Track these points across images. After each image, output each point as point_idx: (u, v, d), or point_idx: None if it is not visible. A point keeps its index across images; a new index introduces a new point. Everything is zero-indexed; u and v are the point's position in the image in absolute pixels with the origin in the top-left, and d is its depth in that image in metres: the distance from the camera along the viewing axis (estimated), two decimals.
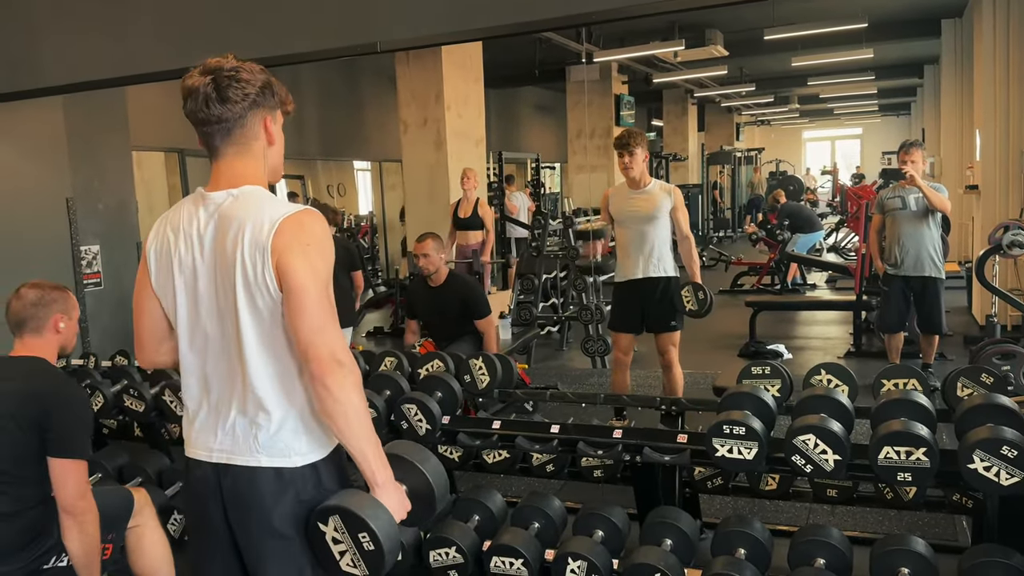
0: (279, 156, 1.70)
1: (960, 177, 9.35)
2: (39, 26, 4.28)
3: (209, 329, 1.60)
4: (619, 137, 4.21)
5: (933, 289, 5.01)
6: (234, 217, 1.55)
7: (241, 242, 1.52)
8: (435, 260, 4.34)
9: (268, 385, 1.57)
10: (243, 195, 1.57)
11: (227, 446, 1.59)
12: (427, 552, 2.61)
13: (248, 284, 1.52)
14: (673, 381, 4.32)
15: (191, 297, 1.61)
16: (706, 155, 17.36)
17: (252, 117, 1.59)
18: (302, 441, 1.59)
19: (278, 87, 1.64)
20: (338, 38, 3.36)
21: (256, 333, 1.55)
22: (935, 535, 3.10)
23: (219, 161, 1.62)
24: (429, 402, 2.87)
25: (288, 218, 1.52)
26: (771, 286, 9.62)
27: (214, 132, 1.58)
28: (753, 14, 9.74)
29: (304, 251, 1.50)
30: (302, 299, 1.49)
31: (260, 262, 1.51)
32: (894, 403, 2.40)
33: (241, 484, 1.58)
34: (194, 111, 1.57)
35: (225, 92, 1.55)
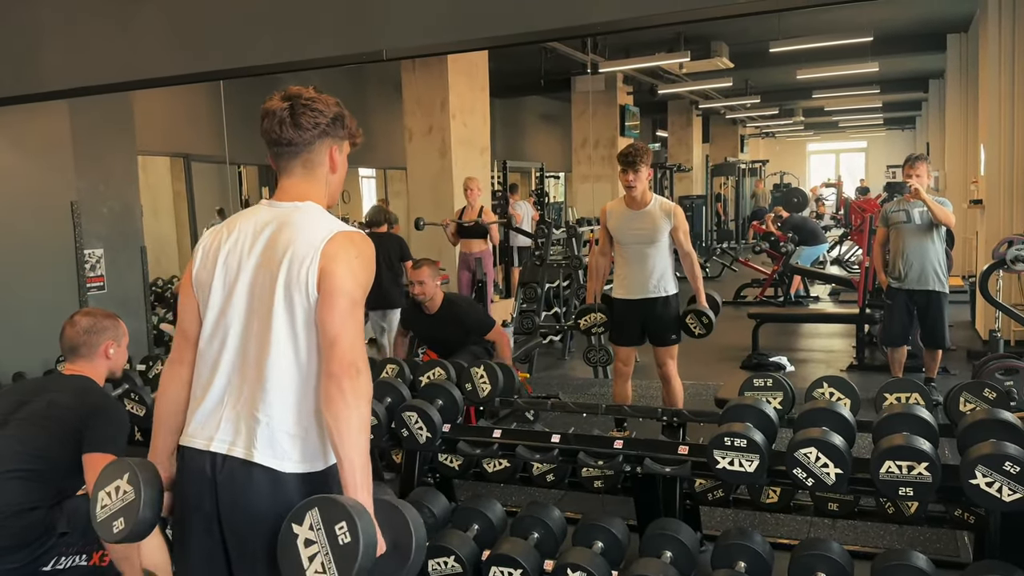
0: (340, 182, 1.81)
1: (964, 191, 9.34)
2: (45, 30, 4.29)
3: (236, 321, 1.66)
4: (625, 153, 4.13)
5: (937, 303, 4.99)
6: (294, 223, 1.65)
7: (293, 242, 1.61)
8: (430, 288, 4.30)
9: (283, 386, 1.61)
10: (306, 208, 1.69)
11: (228, 437, 1.62)
12: (426, 561, 2.60)
13: (289, 281, 1.59)
14: (672, 393, 4.29)
15: (227, 289, 1.67)
16: (710, 166, 17.37)
17: (320, 145, 1.72)
18: (298, 449, 1.62)
19: (349, 120, 1.76)
20: (344, 45, 3.37)
21: (286, 331, 1.60)
22: (936, 551, 3.08)
23: (284, 179, 1.74)
24: (430, 410, 2.87)
25: (344, 232, 1.64)
26: (774, 298, 9.61)
27: (284, 153, 1.71)
28: (759, 27, 9.76)
29: (349, 261, 1.60)
30: (338, 300, 1.57)
31: (308, 260, 1.59)
32: (896, 417, 2.40)
33: (236, 476, 1.60)
34: (268, 131, 1.69)
35: (299, 119, 1.67)
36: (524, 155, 15.08)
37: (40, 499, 2.30)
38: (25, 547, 2.24)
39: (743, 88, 14.74)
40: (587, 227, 8.60)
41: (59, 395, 2.45)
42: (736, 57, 10.76)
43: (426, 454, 3.21)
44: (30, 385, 2.68)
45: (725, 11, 3.00)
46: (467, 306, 4.53)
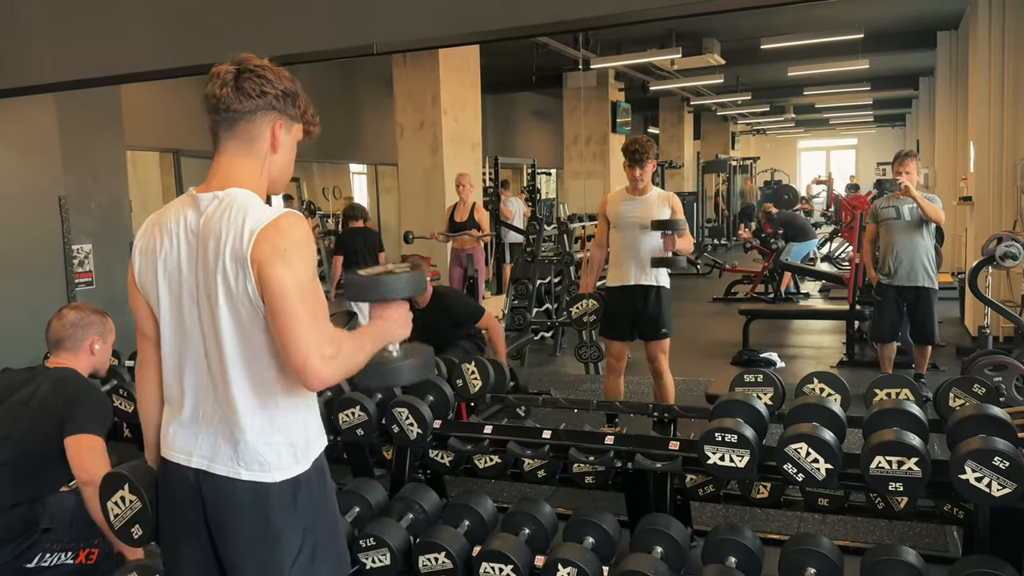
0: (283, 168, 1.66)
1: (954, 189, 9.39)
2: (32, 23, 4.25)
3: (191, 334, 1.58)
4: (632, 150, 4.15)
5: (926, 299, 5.02)
6: (217, 224, 1.52)
7: (223, 252, 1.50)
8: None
9: (248, 398, 1.55)
10: (227, 198, 1.54)
11: (207, 453, 1.58)
12: (416, 557, 2.59)
13: (231, 296, 1.51)
14: (664, 388, 4.31)
15: (175, 300, 1.59)
16: (701, 163, 17.40)
17: (262, 117, 1.57)
18: (282, 455, 1.58)
19: (304, 102, 1.63)
20: (334, 39, 3.35)
21: (237, 344, 1.53)
22: (926, 546, 3.10)
23: (218, 156, 1.60)
24: (420, 406, 2.86)
25: (267, 225, 1.49)
26: (765, 295, 9.64)
27: (222, 122, 1.57)
28: (750, 23, 9.77)
29: (283, 257, 1.47)
30: (285, 306, 1.47)
31: (241, 273, 1.49)
32: (886, 413, 2.40)
33: (221, 493, 1.57)
34: (209, 95, 1.56)
35: (242, 83, 1.54)
36: (515, 151, 15.07)
37: (23, 495, 2.29)
38: (8, 543, 2.22)
39: (734, 85, 14.76)
40: (579, 223, 8.60)
41: (40, 387, 2.44)
42: (727, 54, 10.77)
43: (417, 450, 3.20)
44: (13, 378, 2.65)
45: (716, 6, 3.00)
46: (455, 297, 4.54)
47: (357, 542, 2.61)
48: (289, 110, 1.60)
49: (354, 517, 2.77)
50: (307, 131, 1.68)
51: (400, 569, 2.62)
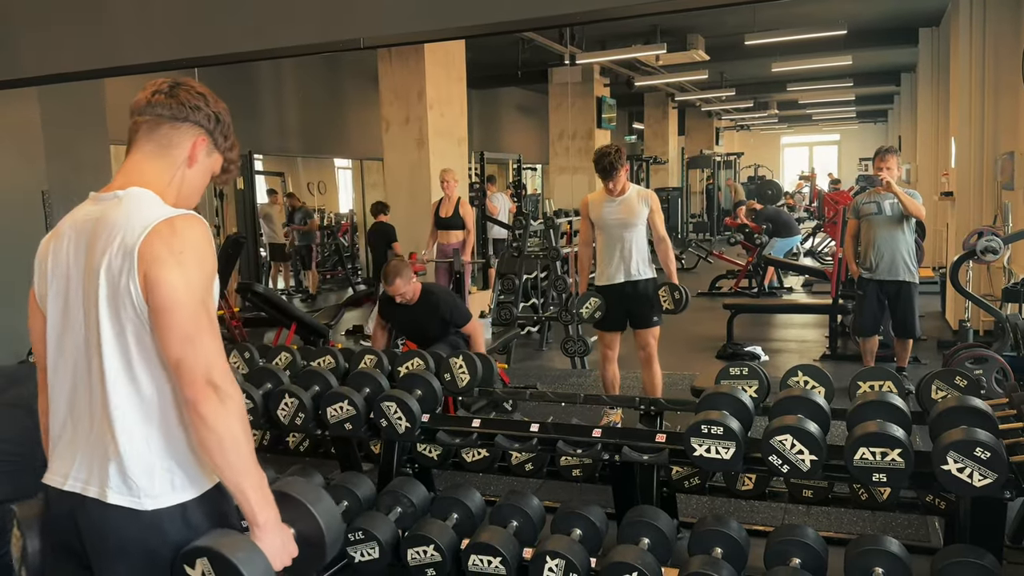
0: (194, 188, 1.56)
1: (935, 184, 9.48)
2: (14, 15, 4.21)
3: (73, 343, 1.45)
4: (603, 166, 4.20)
5: (907, 293, 5.07)
6: (111, 221, 1.41)
7: (112, 248, 1.38)
8: (408, 291, 4.29)
9: (127, 414, 1.41)
10: (127, 197, 1.44)
11: (83, 475, 1.43)
12: (405, 550, 2.61)
13: (112, 294, 1.38)
14: (653, 377, 4.42)
15: (60, 305, 1.47)
16: (686, 159, 17.46)
17: (187, 129, 1.51)
18: (158, 481, 1.42)
19: (231, 138, 1.59)
20: (321, 33, 3.34)
21: (117, 352, 1.39)
22: (908, 536, 3.14)
23: (130, 156, 1.52)
24: (409, 400, 2.87)
25: (161, 223, 1.38)
26: (749, 289, 9.70)
27: (143, 122, 1.50)
28: (735, 19, 9.82)
29: (177, 259, 1.35)
30: (173, 316, 1.34)
31: (126, 269, 1.36)
32: (870, 405, 2.43)
33: (95, 519, 1.42)
34: (138, 100, 1.51)
35: (178, 91, 1.50)
36: (501, 147, 15.06)
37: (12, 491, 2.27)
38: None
39: (719, 81, 14.82)
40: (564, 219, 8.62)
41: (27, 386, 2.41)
42: (712, 50, 10.82)
43: (405, 444, 3.21)
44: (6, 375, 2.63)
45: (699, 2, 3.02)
46: (444, 296, 4.54)
47: (346, 536, 2.62)
48: (215, 135, 1.55)
49: (342, 511, 2.78)
50: (225, 168, 1.61)
51: (389, 562, 2.63)
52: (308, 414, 2.97)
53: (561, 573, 2.41)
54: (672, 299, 4.31)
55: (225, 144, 1.58)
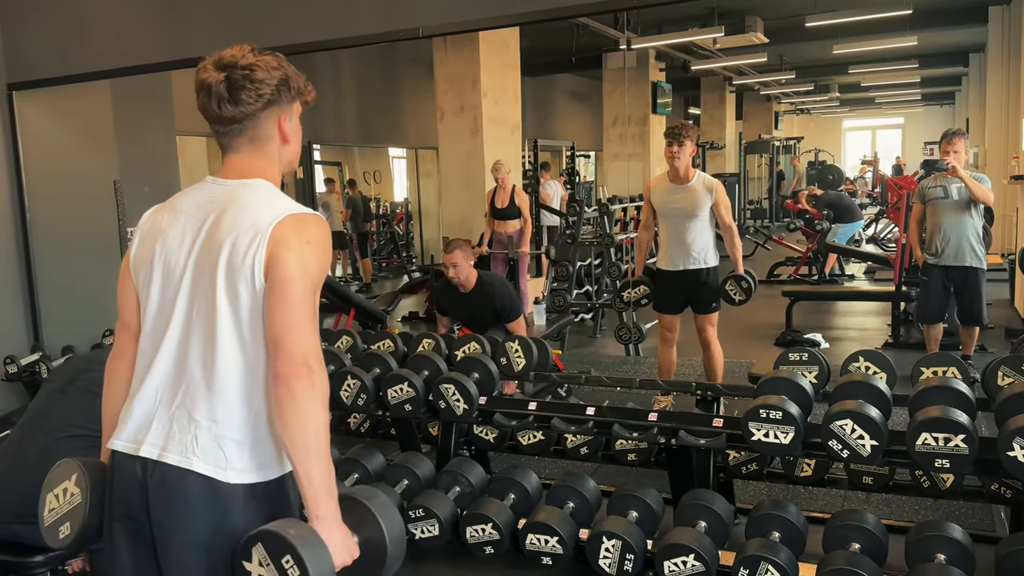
0: (295, 152, 1.62)
1: (1005, 167, 9.16)
2: (88, 11, 4.38)
3: (177, 313, 1.48)
4: (671, 127, 4.32)
5: (974, 279, 4.93)
6: (239, 202, 1.48)
7: (236, 225, 1.43)
8: (464, 269, 4.31)
9: (229, 386, 1.43)
10: (256, 185, 1.51)
11: (160, 440, 1.44)
12: (464, 528, 2.67)
13: (232, 268, 1.42)
14: (713, 358, 4.44)
15: (166, 278, 1.50)
16: (744, 144, 17.17)
17: (266, 118, 1.52)
18: (245, 456, 1.44)
19: (295, 79, 1.54)
20: (380, 23, 3.41)
21: (230, 325, 1.43)
22: (972, 525, 3.07)
23: (231, 155, 1.55)
24: (467, 382, 2.92)
25: (296, 215, 1.45)
26: (809, 276, 9.53)
27: (226, 132, 1.53)
28: (795, 0, 9.60)
29: (301, 247, 1.42)
30: (287, 291, 1.39)
31: (255, 245, 1.41)
32: (933, 390, 2.40)
33: (169, 485, 1.42)
34: (206, 108, 1.50)
35: (238, 94, 1.47)
36: (555, 134, 15.02)
37: None
38: None
39: (778, 64, 14.52)
40: (619, 205, 8.57)
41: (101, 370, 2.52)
42: (771, 32, 10.61)
43: (462, 426, 3.27)
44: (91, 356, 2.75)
45: None
46: (501, 288, 4.56)
47: (407, 513, 2.69)
48: (286, 98, 1.53)
49: (403, 489, 2.85)
50: (304, 103, 1.60)
51: (448, 539, 2.70)
52: (369, 395, 3.05)
53: (618, 554, 2.44)
54: (741, 289, 4.31)
55: (295, 92, 1.56)
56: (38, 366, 4.47)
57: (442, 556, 2.94)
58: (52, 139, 4.89)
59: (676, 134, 4.23)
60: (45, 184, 4.80)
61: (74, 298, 4.82)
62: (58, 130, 4.94)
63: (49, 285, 4.83)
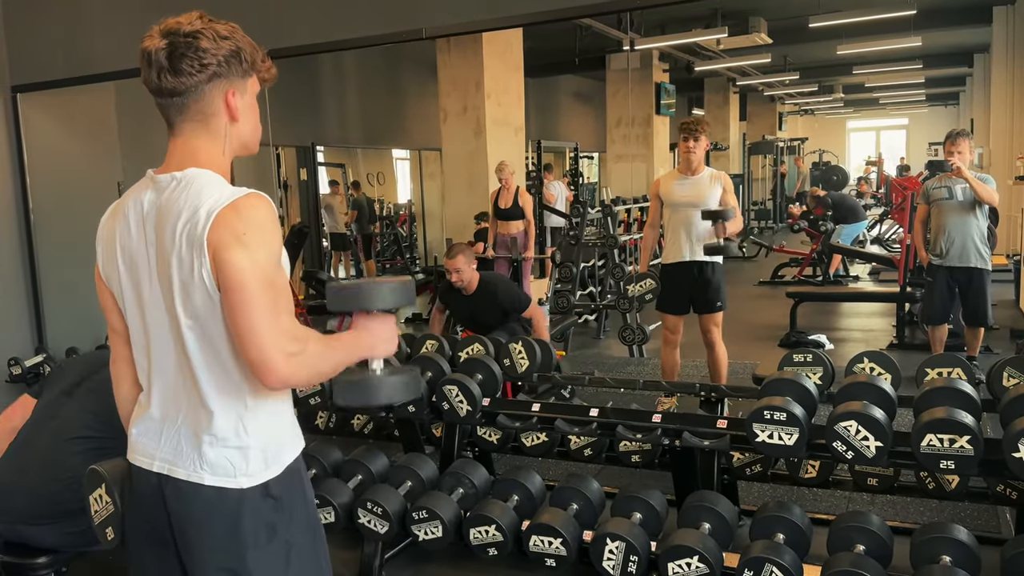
0: (249, 131, 1.51)
1: (1010, 168, 9.13)
2: (92, 13, 4.40)
3: (154, 327, 1.45)
4: (687, 122, 4.40)
5: (979, 280, 4.92)
6: (174, 208, 1.38)
7: (179, 238, 1.36)
8: (467, 273, 4.32)
9: (217, 398, 1.42)
10: (186, 179, 1.40)
11: (169, 456, 1.45)
12: (467, 530, 2.66)
13: (185, 283, 1.37)
14: (717, 360, 4.43)
15: (135, 290, 1.46)
16: (747, 145, 17.15)
17: (211, 91, 1.41)
18: (251, 460, 1.43)
19: (250, 51, 1.45)
20: (384, 24, 3.41)
21: (198, 337, 1.40)
22: (977, 526, 3.06)
23: (175, 138, 1.45)
24: (470, 384, 2.92)
25: (225, 208, 1.34)
26: (813, 277, 9.51)
27: (168, 105, 1.42)
28: (798, 1, 9.60)
29: (240, 241, 1.32)
30: (240, 296, 1.32)
31: (196, 258, 1.34)
32: (938, 391, 2.39)
33: (184, 499, 1.43)
34: (147, 80, 1.40)
35: (179, 63, 1.36)
36: (558, 135, 15.02)
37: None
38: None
39: (782, 64, 14.50)
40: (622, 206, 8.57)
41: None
42: (774, 32, 10.59)
43: (465, 428, 3.26)
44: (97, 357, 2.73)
45: None
46: (503, 285, 4.56)
47: (410, 515, 2.69)
48: (235, 71, 1.43)
49: (406, 491, 2.85)
50: (262, 79, 1.51)
51: (451, 541, 2.69)
52: None
53: (621, 556, 2.44)
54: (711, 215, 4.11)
55: (248, 65, 1.46)
56: (42, 368, 4.48)
57: (445, 558, 2.94)
58: (56, 141, 4.90)
59: (692, 129, 4.32)
60: (49, 186, 4.81)
61: (78, 300, 4.83)
62: (62, 132, 4.95)
63: (53, 287, 4.85)
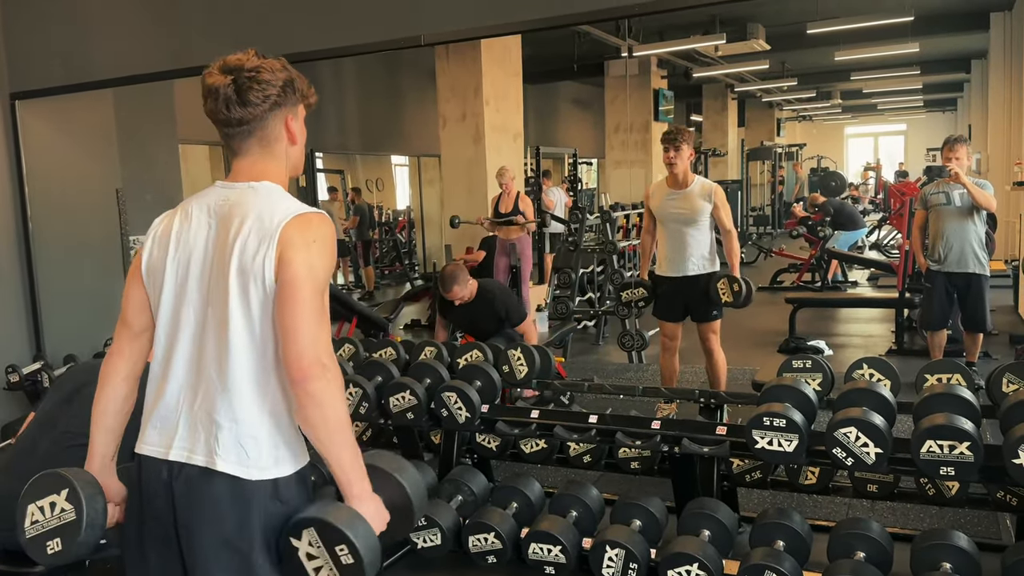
0: (300, 154, 1.66)
1: (1008, 174, 9.15)
2: (91, 20, 4.40)
3: (189, 316, 1.52)
4: (667, 132, 4.31)
5: (977, 285, 4.92)
6: (248, 204, 1.51)
7: (245, 227, 1.48)
8: (466, 293, 4.35)
9: (243, 385, 1.48)
10: (261, 188, 1.55)
11: (186, 444, 1.49)
12: (466, 537, 2.65)
13: (243, 270, 1.46)
14: (716, 366, 4.40)
15: (179, 282, 1.54)
16: (746, 151, 17.17)
17: (274, 119, 1.56)
18: (264, 453, 1.48)
19: (299, 81, 1.59)
20: (382, 31, 3.41)
21: (243, 325, 1.47)
22: (977, 533, 3.04)
23: (240, 159, 1.59)
24: (469, 390, 2.91)
25: (301, 215, 1.49)
26: (811, 283, 9.51)
27: (235, 134, 1.56)
28: (796, 7, 9.62)
29: (307, 247, 1.46)
30: (296, 293, 1.43)
31: (264, 248, 1.45)
32: (937, 397, 2.39)
33: (194, 486, 1.47)
34: (214, 112, 1.54)
35: (246, 95, 1.50)
36: (557, 141, 15.05)
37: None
38: None
39: (780, 71, 14.53)
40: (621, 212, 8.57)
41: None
42: (773, 39, 10.61)
43: (464, 434, 3.26)
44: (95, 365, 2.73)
45: None
46: (500, 294, 4.56)
47: None
48: (292, 99, 1.58)
49: None
50: (307, 105, 1.64)
51: (450, 549, 2.69)
52: (371, 404, 3.04)
53: (621, 563, 2.43)
54: (731, 291, 4.24)
55: (300, 94, 1.60)
56: (40, 375, 4.47)
57: (444, 565, 2.93)
58: (55, 148, 4.90)
59: (672, 139, 4.23)
60: (47, 193, 4.80)
61: (76, 307, 4.82)
62: (61, 139, 4.94)
63: (51, 294, 4.83)
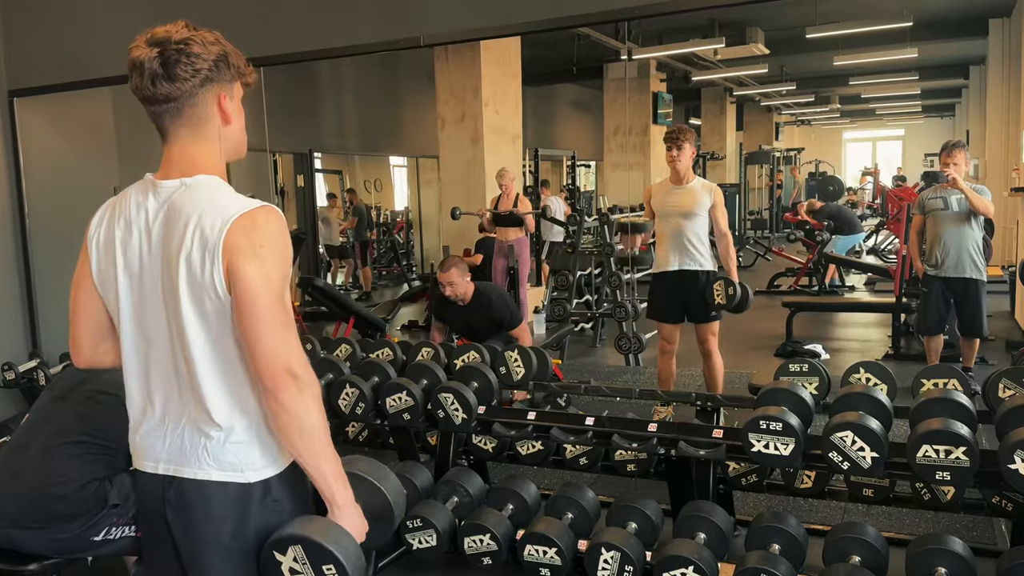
0: (239, 134, 1.53)
1: (1005, 179, 9.16)
2: (89, 19, 4.40)
3: (154, 329, 1.46)
4: (670, 131, 4.37)
5: (974, 291, 4.93)
6: (184, 210, 1.40)
7: (189, 239, 1.38)
8: (460, 286, 4.36)
9: (217, 393, 1.43)
10: (196, 185, 1.42)
11: (175, 457, 1.47)
12: (462, 538, 2.65)
13: (194, 285, 1.38)
14: (713, 369, 4.42)
15: (136, 294, 1.47)
16: (744, 154, 17.19)
17: (204, 95, 1.43)
18: (256, 455, 1.46)
19: (235, 57, 1.47)
20: (382, 32, 3.41)
21: (203, 338, 1.41)
22: (972, 538, 3.05)
23: (170, 144, 1.46)
24: (466, 392, 2.91)
25: (242, 216, 1.37)
26: (809, 287, 9.53)
27: (162, 112, 1.43)
28: (795, 12, 9.64)
29: (256, 252, 1.36)
30: (252, 305, 1.35)
31: (209, 262, 1.36)
32: (934, 402, 2.39)
33: (188, 498, 1.45)
34: (139, 88, 1.41)
35: (173, 69, 1.38)
36: (555, 143, 15.05)
37: (96, 472, 2.37)
38: (79, 517, 2.31)
39: (778, 75, 14.56)
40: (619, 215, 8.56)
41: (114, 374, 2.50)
42: (772, 43, 10.64)
43: (461, 436, 3.25)
44: None
45: None
46: (498, 298, 4.56)
47: (404, 523, 2.67)
48: (225, 76, 1.45)
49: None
50: (245, 84, 1.52)
51: (446, 550, 2.68)
52: (368, 404, 3.04)
53: (616, 565, 2.42)
54: (726, 294, 4.25)
55: (236, 70, 1.48)
56: (36, 373, 4.46)
57: (439, 567, 2.93)
58: (53, 146, 4.89)
59: (675, 138, 4.29)
60: (45, 190, 4.80)
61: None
62: (59, 137, 4.94)
63: (48, 291, 4.83)
